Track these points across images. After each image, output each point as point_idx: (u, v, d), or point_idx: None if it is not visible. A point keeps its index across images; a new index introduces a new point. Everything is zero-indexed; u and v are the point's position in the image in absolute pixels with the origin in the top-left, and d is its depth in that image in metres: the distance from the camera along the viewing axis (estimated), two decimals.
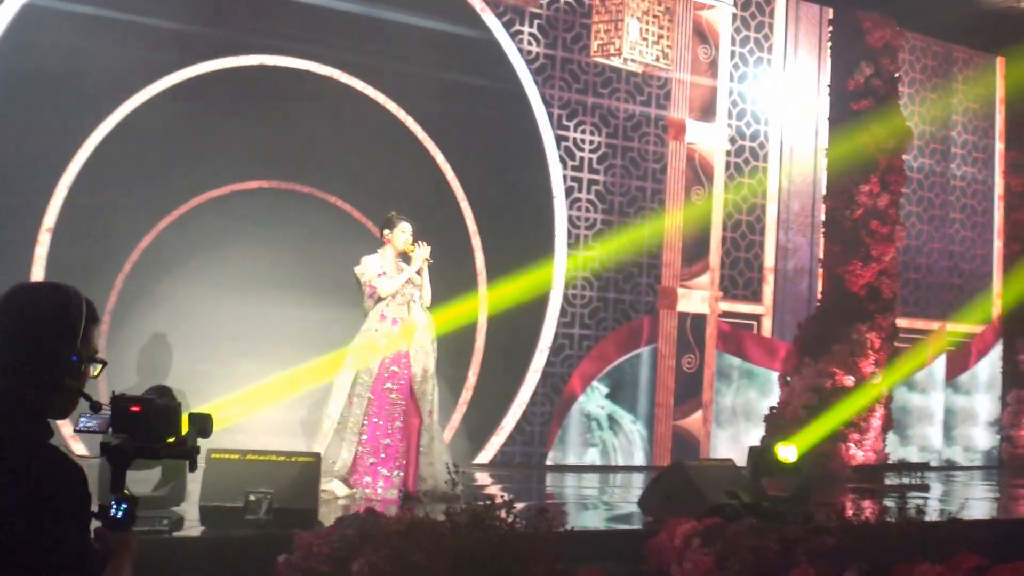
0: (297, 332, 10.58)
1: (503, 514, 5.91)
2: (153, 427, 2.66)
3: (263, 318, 10.55)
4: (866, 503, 9.77)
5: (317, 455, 7.19)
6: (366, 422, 8.54)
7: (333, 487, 8.25)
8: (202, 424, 2.81)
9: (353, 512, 6.29)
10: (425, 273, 8.78)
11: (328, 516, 6.88)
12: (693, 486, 7.87)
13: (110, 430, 2.63)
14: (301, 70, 11.18)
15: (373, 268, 8.71)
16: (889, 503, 7.97)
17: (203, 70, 10.69)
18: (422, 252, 8.73)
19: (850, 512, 7.45)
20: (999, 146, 16.25)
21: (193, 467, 2.81)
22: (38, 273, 9.88)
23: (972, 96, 16.05)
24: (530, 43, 12.40)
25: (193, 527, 6.42)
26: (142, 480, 6.23)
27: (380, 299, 8.65)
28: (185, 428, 2.74)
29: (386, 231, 8.86)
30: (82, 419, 2.65)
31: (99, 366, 2.60)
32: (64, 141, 10.17)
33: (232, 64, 10.82)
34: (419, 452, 8.66)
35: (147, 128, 10.30)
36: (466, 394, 11.78)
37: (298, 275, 10.66)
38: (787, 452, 8.68)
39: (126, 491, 2.63)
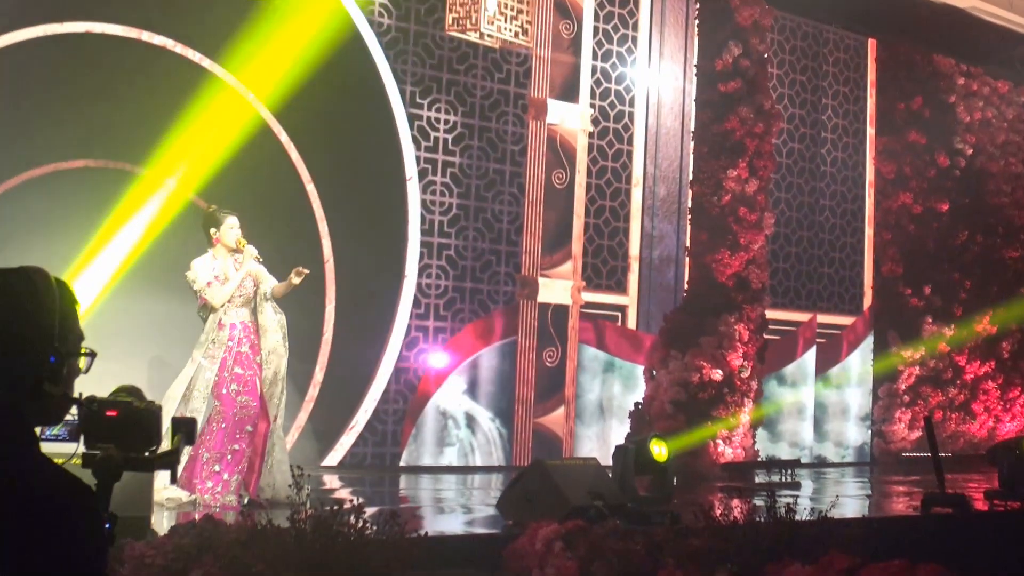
0: (129, 327, 10.34)
1: (352, 519, 5.85)
2: (133, 434, 2.45)
3: (90, 312, 10.28)
4: (735, 502, 9.94)
5: None
6: (215, 428, 8.40)
7: (173, 494, 8.09)
8: (188, 429, 2.63)
9: (189, 520, 6.17)
10: (261, 269, 8.66)
11: (161, 524, 6.74)
12: (554, 487, 7.91)
13: (81, 438, 2.41)
14: (131, 39, 10.91)
15: (204, 275, 8.53)
16: (759, 502, 8.11)
17: (22, 37, 10.35)
18: (250, 251, 8.58)
19: (719, 512, 7.56)
20: (870, 131, 16.67)
21: (175, 478, 2.62)
22: None
23: (843, 79, 16.45)
24: (380, 15, 12.32)
25: None
26: None
27: (213, 308, 8.52)
28: (168, 434, 2.53)
29: (212, 230, 8.66)
30: (47, 427, 2.39)
31: (86, 359, 2.30)
32: None
33: (55, 31, 10.50)
34: (263, 458, 8.56)
35: None
36: (312, 391, 11.65)
37: (129, 265, 10.42)
38: (660, 450, 8.80)
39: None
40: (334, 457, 11.83)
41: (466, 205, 12.76)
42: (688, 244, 13.94)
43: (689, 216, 13.94)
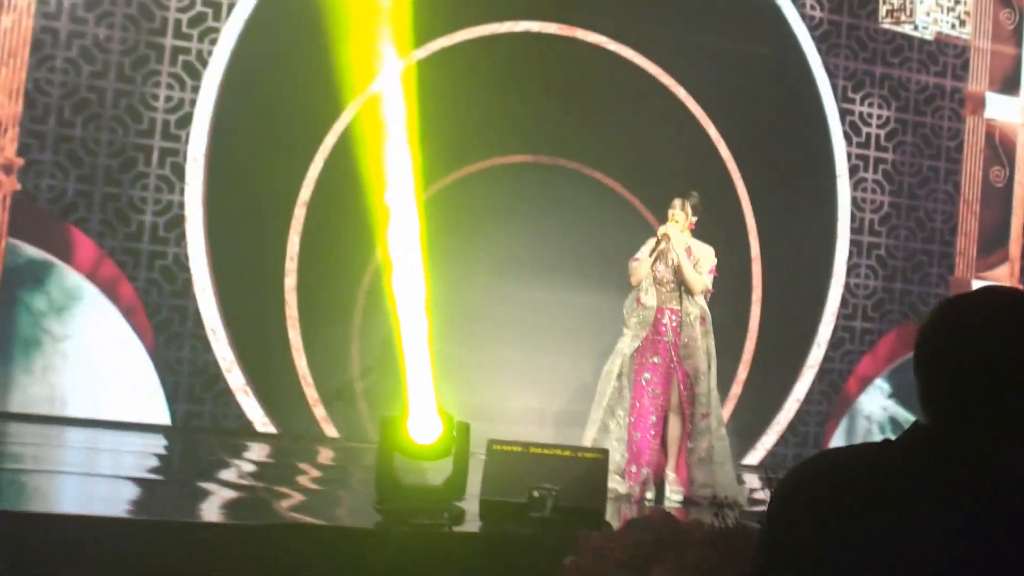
0: (557, 318, 10.61)
1: None
2: None
3: (521, 301, 10.62)
4: None
5: (605, 451, 7.12)
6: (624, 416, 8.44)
7: (614, 484, 8.14)
8: None
9: (643, 515, 6.22)
10: (678, 255, 8.44)
11: (610, 516, 6.84)
12: None
13: None
14: (567, 37, 11.19)
15: (641, 251, 8.54)
16: None
17: (468, 36, 10.79)
18: (661, 228, 8.45)
19: None
20: None
21: None
22: (294, 242, 10.19)
23: None
24: (813, 8, 12.12)
25: (472, 522, 6.46)
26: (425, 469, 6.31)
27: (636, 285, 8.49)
28: None
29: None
30: None
31: None
32: (326, 106, 10.37)
33: (497, 31, 10.90)
34: (687, 454, 8.46)
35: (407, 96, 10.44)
36: (736, 388, 11.59)
37: (560, 257, 10.70)
38: None
39: None
40: (754, 456, 11.74)
41: (898, 203, 12.38)
42: None
43: None
